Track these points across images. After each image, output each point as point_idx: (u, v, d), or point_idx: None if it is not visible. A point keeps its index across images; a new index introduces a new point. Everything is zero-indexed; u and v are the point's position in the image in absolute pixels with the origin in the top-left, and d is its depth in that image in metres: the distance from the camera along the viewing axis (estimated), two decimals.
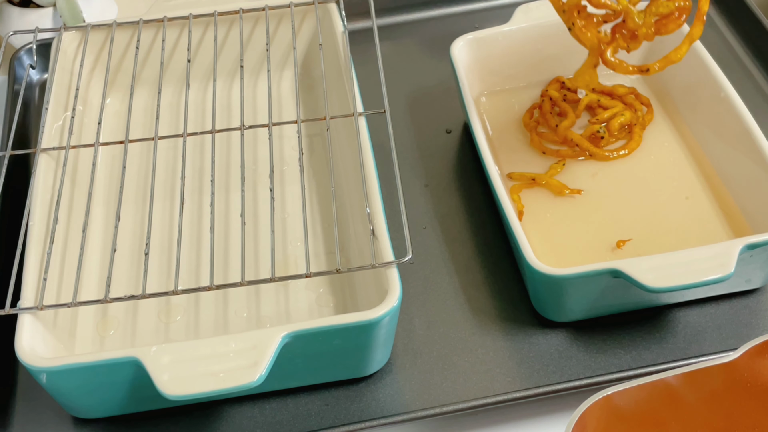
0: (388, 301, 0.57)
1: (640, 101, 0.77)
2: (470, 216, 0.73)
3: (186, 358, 0.54)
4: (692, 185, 0.72)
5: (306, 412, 0.62)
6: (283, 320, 0.66)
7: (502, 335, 0.66)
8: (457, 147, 0.79)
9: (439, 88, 0.83)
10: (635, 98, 0.77)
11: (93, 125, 0.75)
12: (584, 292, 0.63)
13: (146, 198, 0.74)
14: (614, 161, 0.74)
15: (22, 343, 0.56)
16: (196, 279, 0.69)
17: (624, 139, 0.76)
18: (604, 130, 0.75)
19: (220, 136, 0.77)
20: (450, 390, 0.63)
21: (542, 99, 0.78)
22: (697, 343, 0.64)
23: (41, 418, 0.63)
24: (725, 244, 0.60)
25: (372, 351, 0.61)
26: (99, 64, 0.79)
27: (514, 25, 0.77)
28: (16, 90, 0.82)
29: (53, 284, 0.62)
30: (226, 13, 0.77)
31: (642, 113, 0.77)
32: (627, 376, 0.62)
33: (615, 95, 0.78)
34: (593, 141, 0.75)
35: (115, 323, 0.66)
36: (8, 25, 0.86)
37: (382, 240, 0.61)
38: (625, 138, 0.76)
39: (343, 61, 0.73)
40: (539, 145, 0.75)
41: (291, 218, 0.72)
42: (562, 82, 0.79)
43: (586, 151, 0.74)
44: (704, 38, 0.75)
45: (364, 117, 0.68)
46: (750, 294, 0.67)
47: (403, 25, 0.90)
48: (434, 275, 0.69)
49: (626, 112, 0.75)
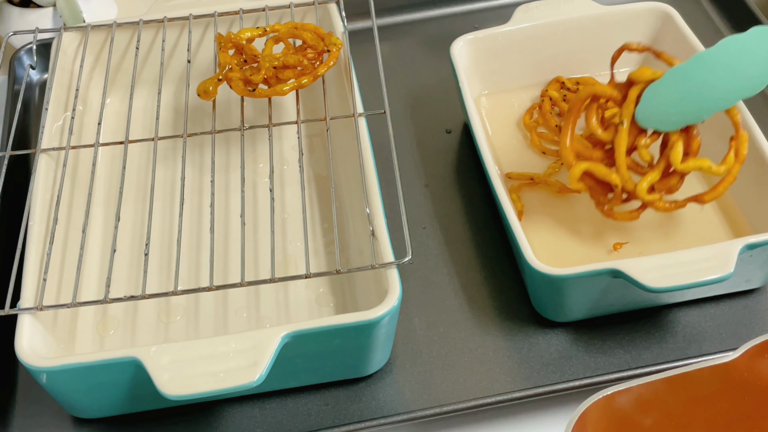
0: (388, 301, 0.57)
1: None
2: (470, 216, 0.73)
3: (186, 358, 0.54)
4: (692, 185, 0.72)
5: (306, 412, 0.62)
6: (282, 320, 0.66)
7: (502, 335, 0.66)
8: (457, 147, 0.79)
9: (439, 88, 0.83)
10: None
11: (93, 125, 0.75)
12: (584, 292, 0.63)
13: (146, 198, 0.74)
14: None
15: (22, 343, 0.56)
16: (196, 279, 0.69)
17: None
18: None
19: (220, 137, 0.77)
20: (450, 390, 0.63)
21: (542, 99, 0.78)
22: (697, 343, 0.64)
23: (41, 418, 0.63)
24: (725, 244, 0.60)
25: (372, 351, 0.61)
26: (99, 64, 0.79)
27: (514, 25, 0.77)
28: (16, 90, 0.82)
29: (53, 284, 0.62)
30: (226, 14, 0.77)
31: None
32: (627, 376, 0.62)
33: None
34: None
35: (115, 323, 0.66)
36: (8, 25, 0.86)
37: (382, 240, 0.61)
38: None
39: (343, 61, 0.73)
40: (539, 145, 0.75)
41: (291, 218, 0.72)
42: (562, 83, 0.79)
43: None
44: (704, 39, 0.76)
45: (364, 117, 0.68)
46: (750, 294, 0.67)
47: (403, 25, 0.90)
48: (434, 275, 0.69)
49: None
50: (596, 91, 0.63)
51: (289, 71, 0.68)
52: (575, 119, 0.63)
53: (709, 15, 0.89)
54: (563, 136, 0.63)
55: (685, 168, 0.61)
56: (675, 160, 0.62)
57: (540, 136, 0.76)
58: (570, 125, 0.63)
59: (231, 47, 0.70)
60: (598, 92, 0.63)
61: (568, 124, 0.63)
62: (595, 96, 0.63)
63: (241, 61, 0.70)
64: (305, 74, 0.68)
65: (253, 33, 0.71)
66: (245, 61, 0.70)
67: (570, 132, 0.63)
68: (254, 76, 0.68)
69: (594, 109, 0.64)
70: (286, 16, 0.78)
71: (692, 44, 0.75)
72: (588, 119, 0.64)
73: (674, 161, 0.61)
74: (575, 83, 0.79)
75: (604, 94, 0.63)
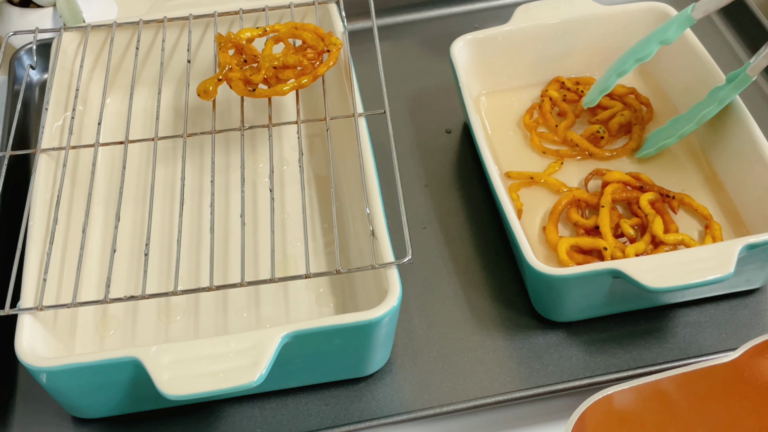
0: (388, 301, 0.57)
1: (640, 101, 0.77)
2: (470, 216, 0.73)
3: (186, 358, 0.54)
4: (692, 185, 0.72)
5: (306, 412, 0.62)
6: (282, 320, 0.66)
7: (502, 335, 0.66)
8: (457, 147, 0.79)
9: (439, 88, 0.83)
10: (635, 98, 0.77)
11: (93, 125, 0.75)
12: (584, 292, 0.63)
13: (146, 198, 0.74)
14: (612, 161, 0.74)
15: (22, 343, 0.56)
16: (196, 279, 0.69)
17: (624, 139, 0.76)
18: (604, 130, 0.75)
19: (220, 137, 0.76)
20: (450, 390, 0.63)
21: (542, 99, 0.78)
22: (697, 343, 0.64)
23: (41, 418, 0.63)
24: (725, 244, 0.60)
25: (372, 351, 0.61)
26: (99, 64, 0.79)
27: (513, 25, 0.77)
28: (16, 90, 0.82)
29: (53, 284, 0.62)
30: (226, 14, 0.77)
31: (642, 113, 0.76)
32: (627, 376, 0.62)
33: (614, 95, 0.78)
34: (593, 141, 0.75)
35: (115, 323, 0.66)
36: (8, 25, 0.86)
37: (382, 240, 0.61)
38: (625, 137, 0.76)
39: (343, 61, 0.73)
40: (539, 145, 0.75)
41: (291, 218, 0.72)
42: (562, 82, 0.79)
43: (586, 150, 0.74)
44: (704, 38, 0.76)
45: (364, 117, 0.68)
46: (750, 294, 0.67)
47: (403, 25, 0.90)
48: (434, 275, 0.69)
49: (625, 112, 0.75)
50: (575, 195, 0.70)
51: (289, 71, 0.68)
52: (557, 220, 0.70)
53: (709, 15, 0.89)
54: (548, 232, 0.69)
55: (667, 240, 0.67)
56: (658, 231, 0.67)
57: (540, 136, 0.76)
58: (553, 225, 0.69)
59: (231, 47, 0.70)
60: (576, 196, 0.70)
61: (551, 224, 0.69)
62: (574, 199, 0.70)
63: (241, 61, 0.70)
64: (305, 74, 0.68)
65: (253, 33, 0.71)
66: (245, 61, 0.70)
67: (554, 228, 0.69)
68: (254, 76, 0.68)
69: (574, 209, 0.70)
70: (286, 16, 0.78)
71: (692, 44, 0.75)
72: (570, 217, 0.70)
73: (657, 233, 0.67)
74: (575, 83, 0.79)
75: (581, 198, 0.70)
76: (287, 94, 0.68)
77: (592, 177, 0.73)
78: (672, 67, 0.77)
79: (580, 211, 0.70)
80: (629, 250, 0.65)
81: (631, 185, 0.71)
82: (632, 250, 0.65)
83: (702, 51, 0.74)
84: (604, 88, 0.74)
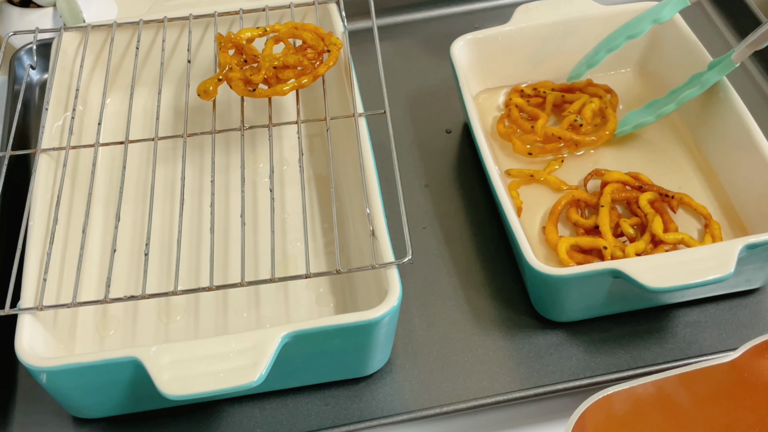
0: (388, 301, 0.57)
1: (601, 89, 0.78)
2: (470, 216, 0.73)
3: (186, 358, 0.54)
4: (691, 185, 0.72)
5: (306, 412, 0.62)
6: (283, 320, 0.66)
7: (502, 335, 0.66)
8: (457, 147, 0.79)
9: (439, 88, 0.83)
10: (595, 88, 0.78)
11: (93, 125, 0.75)
12: (584, 291, 0.63)
13: (146, 198, 0.74)
14: (613, 161, 0.74)
15: (22, 343, 0.56)
16: (196, 279, 0.69)
17: (599, 124, 0.76)
18: (581, 118, 0.75)
19: (220, 137, 0.77)
20: (450, 390, 0.63)
21: (507, 108, 0.78)
22: (697, 343, 0.64)
23: (41, 418, 0.63)
24: (725, 244, 0.60)
25: (372, 351, 0.61)
26: (99, 64, 0.79)
27: (513, 25, 0.77)
28: (16, 90, 0.82)
29: (53, 284, 0.62)
30: (226, 14, 0.77)
31: (607, 98, 0.77)
32: (627, 376, 0.62)
33: (574, 89, 0.78)
34: (573, 131, 0.75)
35: (115, 323, 0.66)
36: (8, 25, 0.86)
37: (382, 240, 0.61)
38: (601, 123, 0.76)
39: (343, 61, 0.73)
40: (523, 148, 0.75)
41: (291, 218, 0.72)
42: (521, 90, 0.79)
43: (570, 140, 0.74)
44: (704, 38, 0.76)
45: (364, 117, 0.68)
46: (750, 294, 0.67)
47: (403, 25, 0.90)
48: (434, 275, 0.69)
49: (594, 99, 0.76)
50: (574, 195, 0.71)
51: (289, 71, 0.68)
52: (556, 219, 0.70)
53: (708, 14, 0.89)
54: (548, 232, 0.69)
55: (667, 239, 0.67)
56: (657, 231, 0.67)
57: (521, 140, 0.75)
58: (553, 225, 0.70)
59: (231, 47, 0.70)
60: (576, 196, 0.71)
61: (551, 224, 0.69)
62: (573, 199, 0.70)
63: (241, 61, 0.70)
64: (305, 74, 0.68)
65: (253, 33, 0.71)
66: (245, 61, 0.70)
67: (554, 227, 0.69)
68: (254, 76, 0.68)
69: (574, 209, 0.70)
70: (286, 16, 0.78)
71: (692, 44, 0.75)
72: (569, 216, 0.70)
73: (657, 232, 0.67)
74: (533, 89, 0.79)
75: (581, 198, 0.70)
76: (287, 94, 0.68)
77: (591, 177, 0.73)
78: (671, 67, 0.77)
79: (580, 211, 0.70)
80: (629, 249, 0.65)
81: (630, 185, 0.71)
82: (632, 249, 0.66)
83: (702, 51, 0.74)
84: (592, 63, 0.75)
